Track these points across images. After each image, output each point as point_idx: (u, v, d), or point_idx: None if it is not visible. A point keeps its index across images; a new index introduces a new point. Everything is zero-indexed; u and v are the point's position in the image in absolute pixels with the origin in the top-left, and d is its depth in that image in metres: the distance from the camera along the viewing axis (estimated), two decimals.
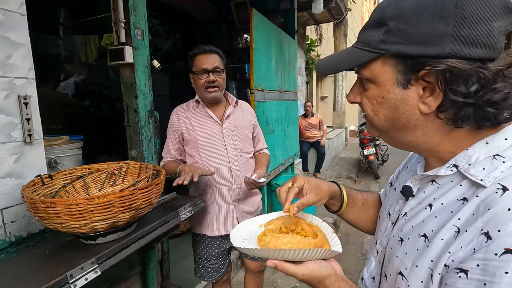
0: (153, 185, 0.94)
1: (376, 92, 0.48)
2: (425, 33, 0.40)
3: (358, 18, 10.81)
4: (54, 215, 0.80)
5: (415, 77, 0.43)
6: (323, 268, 0.52)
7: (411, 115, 0.45)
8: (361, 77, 0.49)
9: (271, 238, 0.55)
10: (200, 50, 1.38)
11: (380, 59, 0.45)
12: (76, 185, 1.08)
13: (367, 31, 0.47)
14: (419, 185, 0.53)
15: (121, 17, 1.26)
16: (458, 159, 0.46)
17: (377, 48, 0.44)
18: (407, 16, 0.41)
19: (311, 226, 0.61)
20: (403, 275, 0.48)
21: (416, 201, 0.52)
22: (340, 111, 8.40)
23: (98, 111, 3.92)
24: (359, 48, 0.47)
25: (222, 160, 1.42)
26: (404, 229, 0.52)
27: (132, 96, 1.36)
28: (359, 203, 0.76)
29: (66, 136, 1.38)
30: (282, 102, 3.07)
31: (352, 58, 0.48)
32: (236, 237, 0.61)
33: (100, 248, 0.89)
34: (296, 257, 0.51)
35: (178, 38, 4.08)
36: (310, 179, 0.68)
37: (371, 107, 0.50)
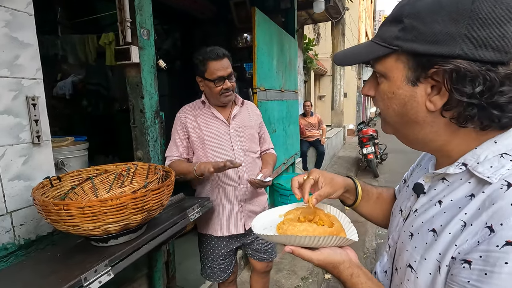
0: (165, 186, 0.94)
1: (387, 87, 0.49)
2: (438, 32, 0.41)
3: (356, 17, 10.85)
4: (66, 217, 0.79)
5: (424, 75, 0.44)
6: (338, 255, 0.54)
7: (419, 112, 0.47)
8: (375, 71, 0.51)
9: (289, 226, 0.58)
10: (213, 55, 1.33)
11: (394, 55, 0.46)
12: (85, 186, 1.07)
13: (385, 27, 0.48)
14: (430, 182, 0.55)
15: (127, 17, 1.25)
16: (467, 157, 0.47)
17: (391, 44, 0.46)
18: (422, 15, 0.42)
19: (328, 216, 0.63)
20: (412, 267, 0.50)
21: (427, 198, 0.54)
22: (338, 110, 8.42)
23: (96, 111, 3.89)
24: (376, 42, 0.49)
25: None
26: (414, 224, 0.54)
27: (138, 97, 1.34)
28: (373, 197, 0.78)
29: (71, 137, 1.36)
30: (283, 101, 3.07)
31: (369, 52, 0.50)
32: (257, 225, 0.65)
33: (112, 250, 0.88)
34: (311, 243, 0.54)
35: (177, 38, 4.05)
36: (324, 173, 0.70)
37: (382, 101, 0.51)
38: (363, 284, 0.52)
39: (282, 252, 0.56)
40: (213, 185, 1.43)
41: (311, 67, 8.43)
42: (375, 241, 3.24)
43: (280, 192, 2.80)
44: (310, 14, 6.06)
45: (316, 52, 8.78)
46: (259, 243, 1.59)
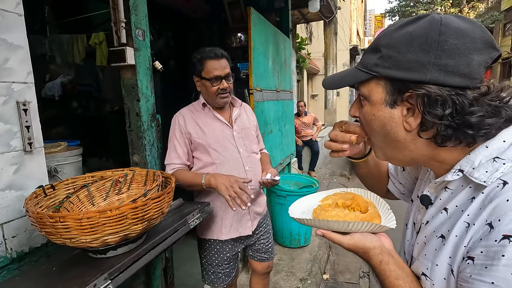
0: (165, 193, 0.90)
1: (369, 109, 0.54)
2: (411, 60, 0.46)
3: (347, 17, 10.91)
4: (63, 230, 0.74)
5: (400, 98, 0.49)
6: (369, 240, 0.55)
7: (398, 131, 0.51)
8: (360, 93, 0.56)
9: (321, 211, 0.60)
10: (211, 55, 1.32)
11: (374, 80, 0.52)
12: (80, 194, 1.02)
13: (367, 55, 0.54)
14: (435, 193, 0.57)
15: (122, 17, 1.20)
16: (462, 163, 0.50)
17: (371, 70, 0.51)
18: (397, 45, 0.48)
19: (366, 202, 0.63)
20: (426, 275, 0.52)
21: (435, 209, 0.56)
22: (331, 109, 8.46)
23: (87, 113, 3.80)
24: (359, 69, 0.54)
25: (236, 163, 1.40)
26: (426, 235, 0.56)
27: (133, 99, 1.30)
28: (375, 159, 0.80)
29: (64, 142, 1.31)
30: (279, 101, 3.05)
31: (353, 77, 0.55)
32: (295, 210, 0.68)
33: (111, 262, 0.84)
34: (341, 228, 0.56)
35: (170, 38, 3.99)
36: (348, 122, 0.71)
37: (366, 123, 0.56)
38: (391, 272, 0.53)
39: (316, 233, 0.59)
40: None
41: (304, 67, 8.42)
42: None
43: (277, 193, 2.78)
44: (303, 14, 6.05)
45: (308, 51, 8.78)
46: (260, 243, 1.58)
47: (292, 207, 0.69)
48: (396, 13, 18.73)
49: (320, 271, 2.61)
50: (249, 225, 1.47)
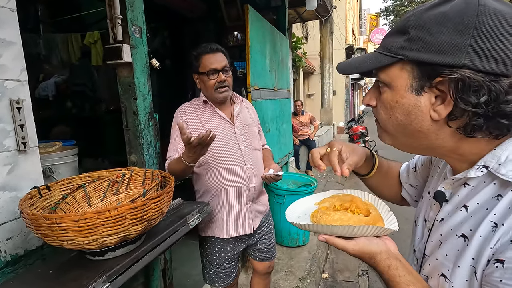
0: (165, 193, 0.88)
1: (390, 96, 0.50)
2: (444, 43, 0.42)
3: (343, 16, 10.94)
4: (59, 231, 0.72)
5: (428, 84, 0.45)
6: (375, 245, 0.52)
7: (423, 121, 0.47)
8: (379, 80, 0.51)
9: (323, 214, 0.57)
10: (207, 49, 1.32)
11: (399, 65, 0.47)
12: (77, 195, 1.00)
13: (390, 38, 0.50)
14: (451, 189, 0.54)
15: (118, 13, 1.18)
16: (487, 159, 0.47)
17: (396, 53, 0.47)
18: (428, 26, 0.43)
19: (366, 204, 0.60)
20: (445, 276, 0.49)
21: (452, 206, 0.53)
22: (327, 108, 8.47)
23: (82, 113, 3.76)
24: (381, 52, 0.50)
25: (237, 160, 1.38)
26: (443, 233, 0.53)
27: (130, 98, 1.27)
28: (384, 169, 0.78)
29: (59, 142, 1.28)
30: (277, 100, 3.04)
31: (373, 61, 0.51)
32: (291, 214, 0.64)
33: (110, 264, 0.82)
34: (346, 233, 0.52)
35: (166, 37, 3.95)
36: (344, 142, 0.69)
37: (384, 110, 0.52)
38: (401, 277, 0.50)
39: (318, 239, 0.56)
40: (220, 187, 1.39)
41: (300, 66, 8.43)
42: None
43: (276, 192, 2.77)
44: (298, 13, 6.05)
45: (304, 50, 8.79)
46: (262, 243, 1.57)
47: (288, 211, 0.65)
48: (390, 12, 18.85)
49: (319, 270, 2.60)
50: (250, 224, 1.45)
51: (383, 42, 0.51)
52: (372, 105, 0.55)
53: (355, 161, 0.66)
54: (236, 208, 1.41)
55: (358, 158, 0.67)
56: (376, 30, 23.32)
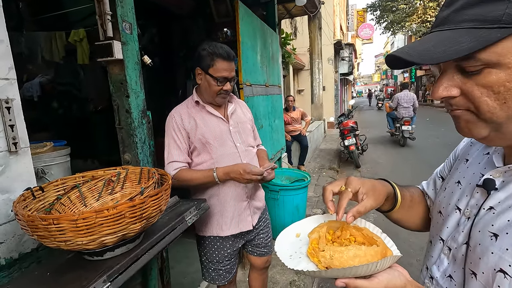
0: (163, 190, 0.87)
1: (504, 76, 0.41)
2: None
3: (331, 11, 10.99)
4: (57, 232, 0.70)
5: None
6: (397, 278, 0.49)
7: None
8: (475, 63, 0.42)
9: (333, 253, 0.50)
10: (225, 55, 1.29)
11: (511, 36, 0.39)
12: (71, 196, 0.98)
13: (479, 7, 0.40)
14: (503, 177, 0.52)
15: (107, 9, 1.15)
16: None
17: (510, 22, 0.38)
18: None
19: (359, 229, 0.57)
20: (505, 272, 0.45)
21: (506, 194, 0.50)
22: (318, 104, 8.53)
23: (69, 113, 3.67)
24: (480, 27, 0.40)
25: (233, 157, 1.39)
26: (496, 224, 0.49)
27: (123, 96, 1.25)
28: (407, 201, 0.72)
29: (50, 143, 1.25)
30: (268, 96, 3.04)
31: (475, 40, 0.40)
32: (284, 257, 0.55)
33: (109, 263, 0.81)
34: (369, 271, 0.47)
35: (154, 34, 3.89)
36: (365, 181, 0.61)
37: (494, 96, 0.42)
38: None
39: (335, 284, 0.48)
40: (217, 185, 1.38)
41: (290, 62, 8.44)
42: None
43: (270, 188, 2.78)
44: (287, 9, 6.04)
45: (294, 46, 8.80)
46: (260, 238, 1.58)
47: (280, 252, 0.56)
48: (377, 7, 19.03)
49: None
50: (250, 220, 1.46)
51: (468, 14, 0.42)
52: (452, 95, 0.46)
53: (369, 207, 0.59)
54: (235, 205, 1.42)
55: (375, 203, 0.60)
56: (364, 26, 23.56)
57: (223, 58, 1.29)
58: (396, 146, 7.62)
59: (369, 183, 0.61)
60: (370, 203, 0.59)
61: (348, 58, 14.77)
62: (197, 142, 1.35)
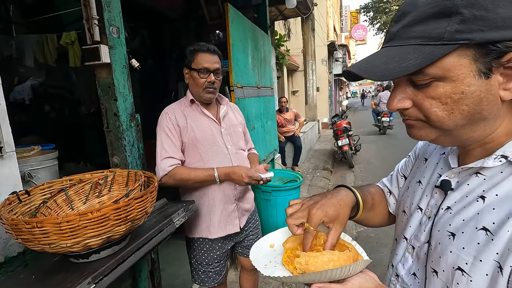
0: (148, 193, 0.89)
1: (450, 89, 0.43)
2: (506, 17, 0.39)
3: (324, 13, 11.07)
4: (41, 235, 0.71)
5: (496, 64, 0.42)
6: (369, 282, 0.50)
7: (494, 105, 0.44)
8: (423, 78, 0.44)
9: (308, 258, 0.50)
10: (204, 48, 1.34)
11: (456, 52, 0.42)
12: (58, 199, 0.98)
13: (426, 24, 0.43)
14: (458, 178, 0.53)
15: (94, 14, 1.16)
16: (506, 149, 0.46)
17: (453, 39, 0.41)
18: (482, 3, 0.40)
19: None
20: (463, 270, 0.47)
21: (460, 194, 0.51)
22: (312, 105, 8.58)
23: (61, 116, 3.65)
24: (424, 44, 0.42)
25: (224, 159, 1.40)
26: (453, 223, 0.50)
27: (111, 99, 1.26)
28: (369, 204, 0.74)
29: (38, 146, 1.25)
30: (260, 98, 3.06)
31: (422, 58, 0.42)
32: (258, 262, 0.56)
33: (95, 266, 0.82)
34: (342, 275, 0.48)
35: (145, 36, 3.89)
36: (327, 209, 0.58)
37: (442, 107, 0.45)
38: None
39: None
40: (207, 187, 1.39)
41: (284, 63, 8.48)
42: (355, 230, 3.35)
43: (262, 189, 2.79)
44: (280, 10, 6.08)
45: (287, 48, 8.85)
46: (249, 239, 1.59)
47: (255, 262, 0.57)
48: (370, 8, 19.24)
49: None
50: (237, 222, 1.47)
51: (415, 31, 0.44)
52: (405, 107, 0.48)
53: (338, 234, 0.58)
54: (223, 207, 1.42)
55: (342, 227, 0.60)
56: (357, 27, 23.73)
57: (203, 51, 1.34)
58: (388, 146, 7.70)
59: (332, 208, 0.59)
60: (338, 230, 0.58)
61: (342, 59, 14.88)
62: (188, 141, 1.37)
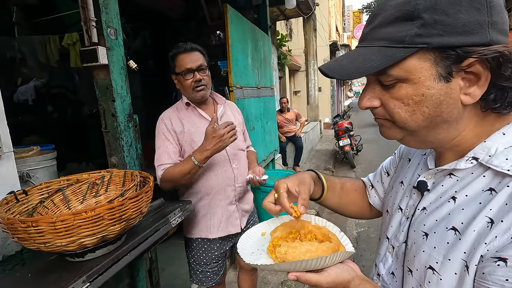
0: (143, 193, 0.90)
1: (411, 90, 0.44)
2: (466, 22, 0.40)
3: (326, 13, 11.05)
4: (36, 234, 0.73)
5: (456, 68, 0.42)
6: (346, 272, 0.51)
7: (454, 108, 0.44)
8: (388, 78, 0.45)
9: (287, 249, 0.52)
10: (181, 49, 1.32)
11: (417, 55, 0.43)
12: (55, 199, 1.00)
13: (391, 27, 0.44)
14: (434, 179, 0.54)
15: (92, 16, 1.18)
16: (476, 151, 0.46)
17: (413, 43, 0.42)
18: (443, 7, 0.40)
19: (318, 227, 0.60)
20: (433, 269, 0.48)
21: (435, 195, 0.52)
22: (313, 105, 8.58)
23: (64, 117, 3.68)
24: (387, 46, 0.44)
25: (223, 161, 1.40)
26: (427, 223, 0.51)
27: (108, 100, 1.27)
28: (337, 187, 0.78)
29: (37, 147, 1.26)
30: (260, 98, 3.07)
31: (384, 59, 0.44)
32: (244, 253, 0.58)
33: (90, 264, 0.83)
34: (318, 265, 0.49)
35: (147, 37, 3.92)
36: (288, 179, 0.66)
37: (404, 108, 0.46)
38: None
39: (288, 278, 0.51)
40: (207, 188, 1.39)
41: (286, 63, 8.49)
42: (355, 230, 3.34)
43: (262, 189, 2.80)
44: (281, 10, 6.09)
45: (289, 48, 8.85)
46: None
47: (241, 249, 0.59)
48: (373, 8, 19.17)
49: None
50: (238, 223, 1.47)
51: (381, 33, 0.45)
52: (374, 106, 0.49)
53: (307, 192, 0.64)
54: (223, 208, 1.43)
55: (308, 187, 0.65)
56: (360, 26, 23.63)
57: (181, 52, 1.33)
58: (390, 146, 7.65)
59: (293, 179, 0.66)
60: (305, 189, 0.64)
61: None
62: (186, 145, 1.36)
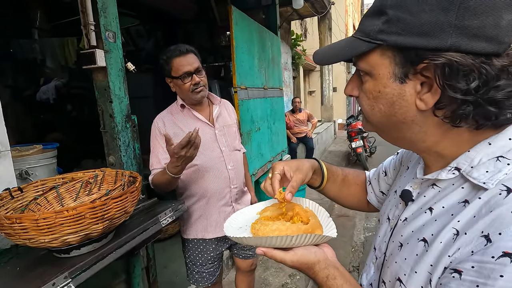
0: (128, 193, 0.92)
1: (372, 85, 0.45)
2: (427, 23, 0.37)
3: (342, 12, 10.85)
4: (20, 231, 0.76)
5: (413, 71, 0.40)
6: (312, 254, 0.50)
7: (408, 111, 0.43)
8: (359, 68, 0.47)
9: (261, 225, 0.54)
10: (177, 52, 1.32)
11: (378, 51, 0.42)
12: (49, 196, 1.04)
13: (367, 19, 0.44)
14: (419, 189, 0.52)
15: (90, 20, 1.22)
16: (460, 161, 0.44)
17: (375, 38, 0.42)
18: (408, 4, 0.38)
19: (306, 211, 0.60)
20: (401, 281, 0.46)
21: (417, 206, 0.50)
22: (327, 105, 8.45)
23: (82, 115, 3.84)
24: (358, 38, 0.44)
25: (218, 162, 1.40)
26: (404, 234, 0.50)
27: (106, 101, 1.31)
28: (339, 178, 0.77)
29: (39, 145, 1.33)
30: (267, 99, 3.06)
31: (350, 49, 0.45)
32: (230, 225, 0.61)
33: (74, 261, 0.86)
34: (284, 244, 0.50)
35: (159, 38, 4.01)
36: (288, 162, 0.66)
37: (367, 101, 0.47)
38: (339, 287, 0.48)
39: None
40: (203, 190, 1.41)
41: (300, 63, 8.41)
42: (363, 235, 3.26)
43: None
44: (295, 10, 6.03)
45: (304, 47, 8.77)
46: None
47: (227, 223, 0.61)
48: None
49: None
50: None
51: (361, 24, 0.45)
52: (354, 95, 0.50)
53: (300, 179, 0.63)
54: (219, 210, 1.44)
55: (303, 175, 0.65)
56: None
57: (177, 55, 1.31)
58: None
59: (293, 162, 0.66)
60: (299, 177, 0.63)
61: None
62: None
